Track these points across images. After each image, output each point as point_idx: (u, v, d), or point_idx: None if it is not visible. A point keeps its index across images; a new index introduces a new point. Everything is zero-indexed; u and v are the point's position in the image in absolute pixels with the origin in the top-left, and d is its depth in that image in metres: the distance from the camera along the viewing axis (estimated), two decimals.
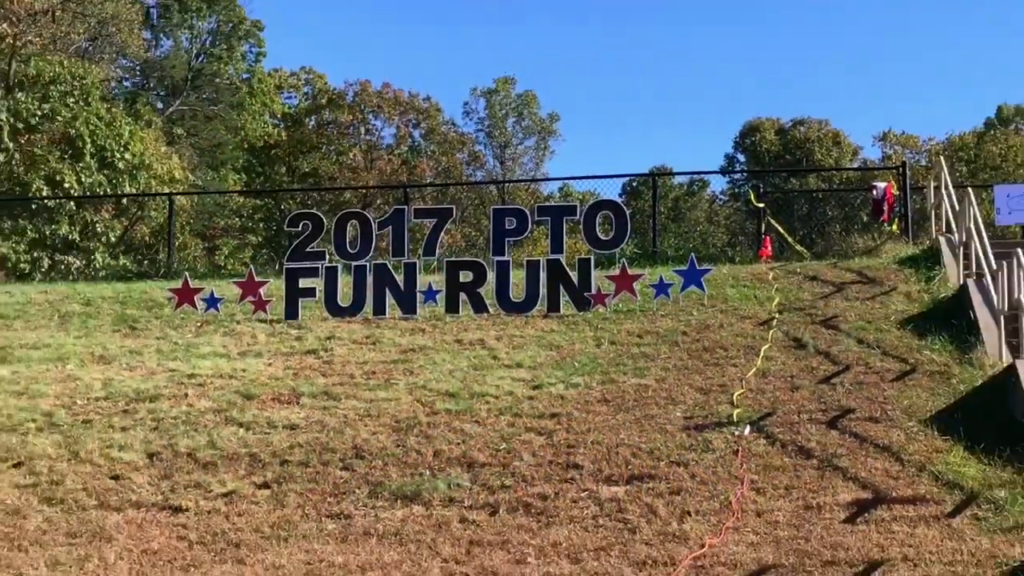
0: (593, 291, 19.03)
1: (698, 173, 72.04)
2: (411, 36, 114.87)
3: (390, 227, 19.89)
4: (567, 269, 19.21)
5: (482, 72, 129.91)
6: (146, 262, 38.97)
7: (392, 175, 56.20)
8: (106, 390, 16.99)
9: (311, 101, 66.88)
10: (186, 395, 16.63)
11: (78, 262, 42.18)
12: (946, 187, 23.68)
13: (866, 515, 12.26)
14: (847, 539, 11.73)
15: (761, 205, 31.73)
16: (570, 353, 17.77)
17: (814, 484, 13.08)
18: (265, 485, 13.86)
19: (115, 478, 14.19)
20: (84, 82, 49.66)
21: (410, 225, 19.93)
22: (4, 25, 49.93)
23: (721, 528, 12.11)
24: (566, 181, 68.49)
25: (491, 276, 19.17)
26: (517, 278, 19.29)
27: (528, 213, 21.36)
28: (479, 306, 19.18)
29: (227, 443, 14.98)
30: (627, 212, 21.89)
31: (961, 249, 20.09)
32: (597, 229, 19.82)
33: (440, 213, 21.86)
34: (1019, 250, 17.62)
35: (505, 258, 19.58)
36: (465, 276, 19.40)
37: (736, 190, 65.68)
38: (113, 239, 45.21)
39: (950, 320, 17.98)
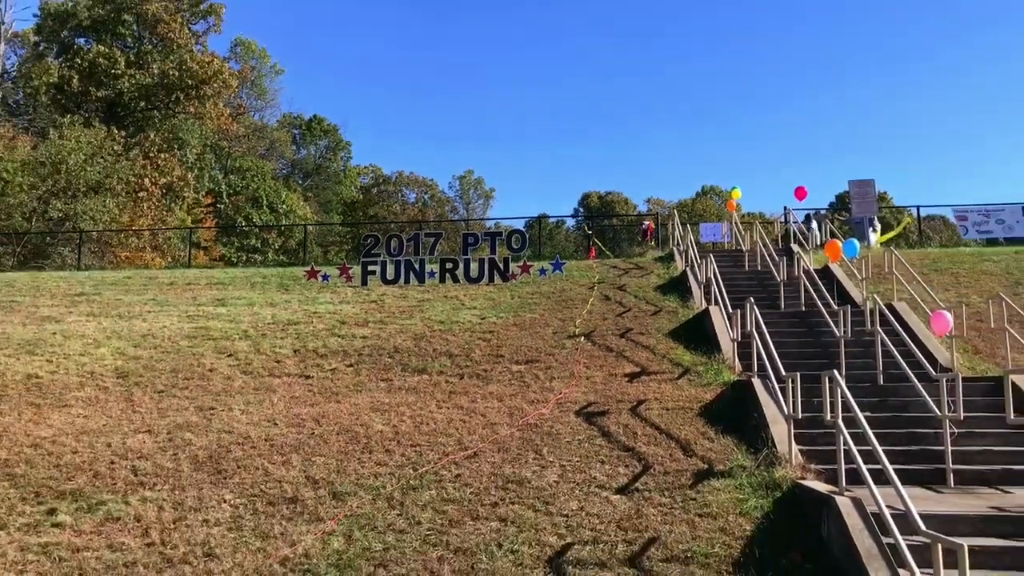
0: (510, 273, 19.01)
1: (560, 217, 72.02)
2: (425, 142, 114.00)
3: (412, 242, 19.73)
4: (498, 262, 19.16)
5: (459, 163, 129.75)
6: (293, 258, 38.61)
7: (414, 216, 55.86)
8: (273, 319, 16.79)
9: (374, 180, 66.33)
10: (312, 322, 16.45)
11: (259, 257, 41.82)
12: (677, 224, 23.88)
13: (637, 379, 12.38)
14: (628, 389, 11.85)
15: (590, 232, 31.96)
16: (499, 302, 17.77)
17: (613, 364, 13.17)
18: (351, 365, 13.74)
19: (277, 362, 14.03)
20: (263, 170, 49.25)
21: (422, 241, 19.74)
22: (224, 142, 49.37)
23: (570, 385, 12.20)
24: (498, 220, 68.47)
25: (461, 266, 19.08)
26: (474, 267, 19.24)
27: (479, 235, 21.26)
28: (456, 280, 19.08)
29: (332, 345, 14.85)
30: (527, 235, 21.85)
31: (684, 254, 20.24)
32: (512, 243, 19.76)
33: (437, 235, 21.71)
34: (711, 255, 17.80)
35: (468, 257, 19.51)
36: (449, 265, 19.28)
37: (579, 225, 65.66)
38: (277, 246, 44.84)
39: (678, 287, 18.10)
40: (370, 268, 19.11)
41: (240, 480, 9.22)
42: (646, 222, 32.91)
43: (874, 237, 18.08)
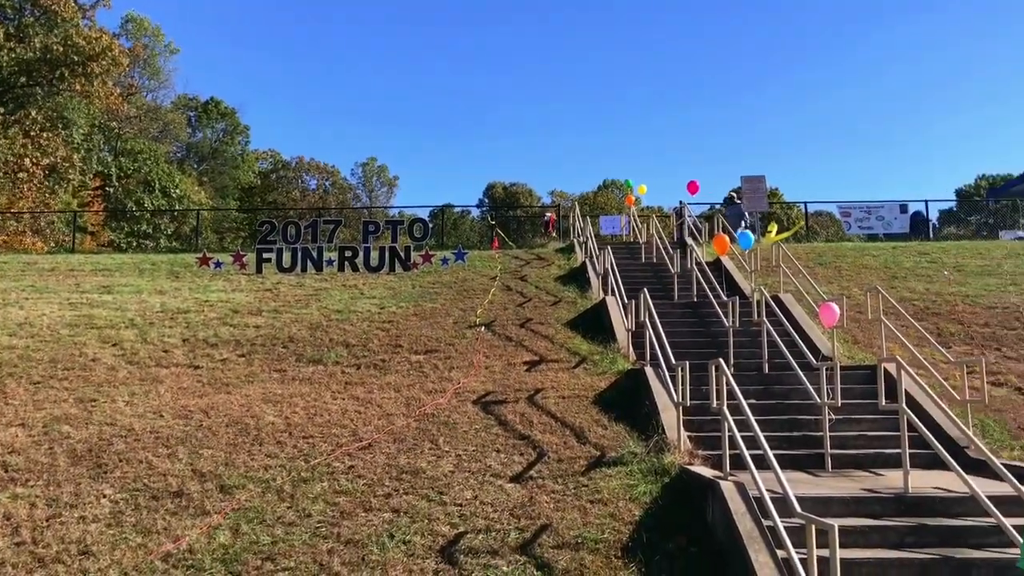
0: (412, 262, 18.83)
1: (465, 206, 71.76)
2: (326, 128, 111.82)
3: (311, 229, 19.32)
4: (399, 251, 18.97)
5: (362, 151, 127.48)
6: (187, 244, 37.33)
7: (314, 203, 54.79)
8: (162, 307, 16.16)
9: (273, 165, 64.67)
10: (203, 311, 15.90)
11: (151, 243, 40.23)
12: (578, 217, 24.15)
13: (535, 368, 12.45)
14: (526, 378, 11.91)
15: (493, 223, 32.05)
16: (400, 291, 17.59)
17: (512, 353, 13.21)
18: (243, 355, 13.35)
19: (165, 351, 13.50)
20: (155, 153, 47.42)
21: (321, 228, 19.38)
22: (114, 123, 47.28)
23: (468, 375, 12.18)
24: (402, 208, 67.93)
25: (361, 254, 18.80)
26: (375, 255, 18.98)
27: (381, 224, 21.08)
28: (355, 268, 18.80)
29: (224, 334, 14.39)
30: (429, 224, 21.74)
31: (584, 246, 20.51)
32: (415, 232, 19.59)
33: (336, 222, 21.45)
34: (609, 247, 18.08)
35: (368, 245, 19.23)
36: (348, 253, 18.97)
37: (484, 215, 65.64)
38: (169, 232, 43.19)
39: (578, 277, 18.35)
40: (265, 255, 18.64)
41: (122, 474, 8.82)
42: (548, 214, 33.29)
43: (749, 233, 18.76)
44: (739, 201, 23.94)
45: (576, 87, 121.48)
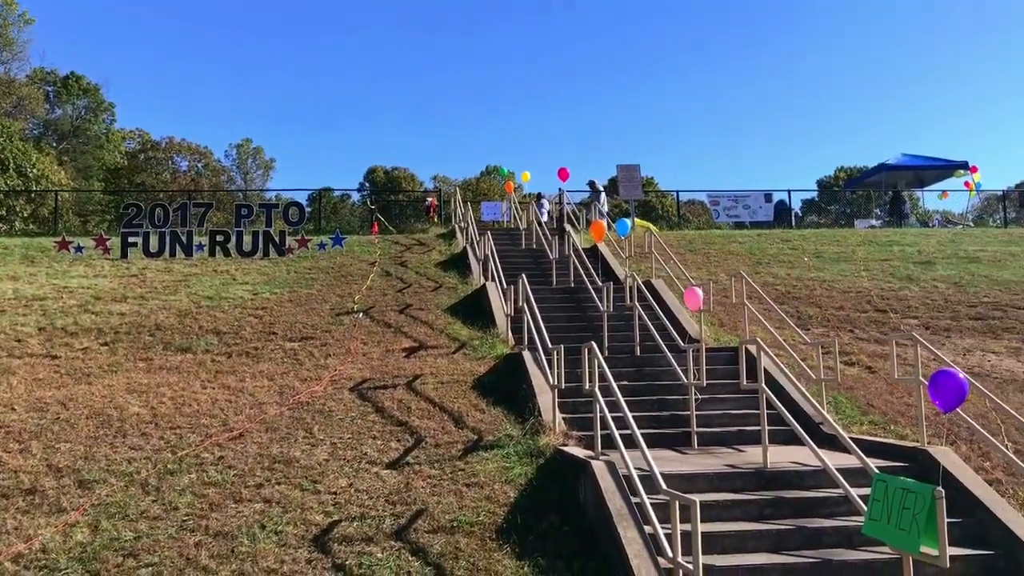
0: (287, 247, 18.33)
1: (345, 190, 70.25)
2: (198, 109, 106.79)
3: (181, 212, 18.50)
4: (274, 235, 18.42)
5: (237, 133, 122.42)
6: (46, 227, 35.07)
7: (186, 185, 52.47)
8: (15, 294, 15.11)
9: (141, 145, 61.47)
10: (62, 297, 14.97)
11: (5, 227, 37.56)
12: (460, 202, 24.15)
13: (415, 354, 12.40)
14: (405, 365, 11.84)
15: (374, 207, 31.60)
16: (274, 277, 17.11)
17: (391, 340, 13.11)
18: (106, 344, 12.68)
19: (18, 340, 12.66)
20: (9, 130, 44.25)
21: (191, 212, 18.56)
22: None
23: (345, 362, 11.99)
24: (279, 192, 65.97)
25: (234, 238, 18.15)
26: (248, 239, 18.36)
27: (255, 207, 20.39)
28: (227, 253, 18.13)
29: (85, 322, 13.61)
30: (305, 208, 21.20)
31: (465, 231, 20.51)
32: (290, 216, 19.07)
33: (207, 205, 20.55)
34: (488, 232, 18.16)
35: (241, 229, 18.59)
36: (220, 238, 18.28)
37: (364, 200, 64.55)
38: (26, 215, 40.43)
39: (459, 263, 18.34)
40: (131, 240, 17.76)
41: None
42: (430, 199, 33.13)
43: (627, 220, 19.29)
44: (600, 188, 24.74)
45: (459, 71, 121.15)
